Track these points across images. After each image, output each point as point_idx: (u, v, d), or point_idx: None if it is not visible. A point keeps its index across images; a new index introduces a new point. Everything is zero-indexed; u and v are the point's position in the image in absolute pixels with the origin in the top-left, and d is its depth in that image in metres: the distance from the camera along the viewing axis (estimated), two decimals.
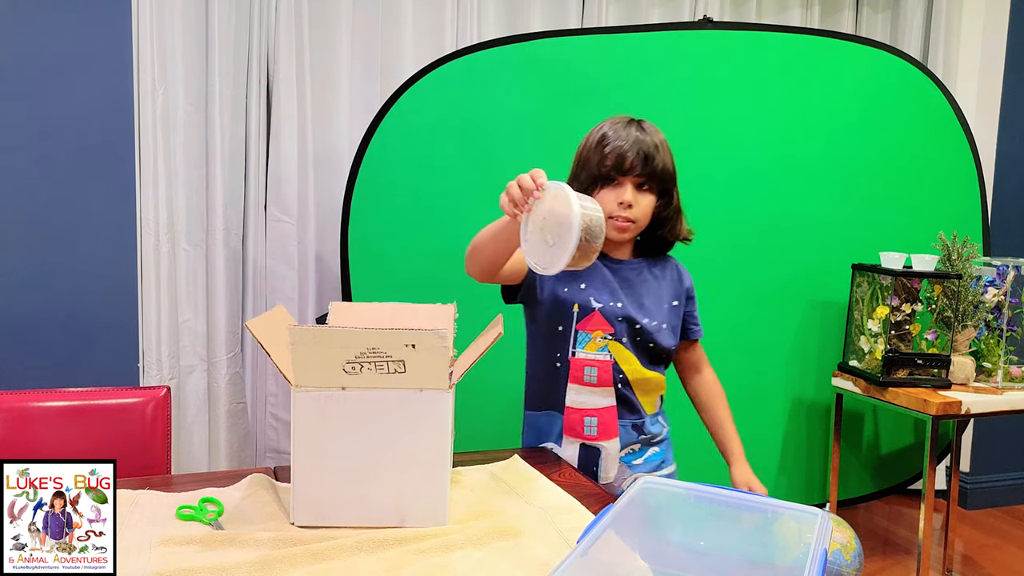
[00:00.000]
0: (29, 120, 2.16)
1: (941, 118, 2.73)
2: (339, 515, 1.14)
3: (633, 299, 1.42)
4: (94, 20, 2.20)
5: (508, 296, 1.46)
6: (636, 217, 1.37)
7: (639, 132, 1.36)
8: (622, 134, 1.35)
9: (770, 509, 1.00)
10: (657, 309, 1.44)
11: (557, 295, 1.41)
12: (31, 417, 1.57)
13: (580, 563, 0.81)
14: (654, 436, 1.48)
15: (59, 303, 2.21)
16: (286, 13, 2.58)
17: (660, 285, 1.47)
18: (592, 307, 1.40)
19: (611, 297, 1.41)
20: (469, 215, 2.44)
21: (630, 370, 1.42)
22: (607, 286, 1.41)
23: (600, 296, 1.40)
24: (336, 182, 2.68)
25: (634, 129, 1.36)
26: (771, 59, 2.57)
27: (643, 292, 1.44)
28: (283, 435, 2.69)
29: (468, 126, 2.43)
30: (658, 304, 1.45)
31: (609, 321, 1.40)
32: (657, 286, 1.46)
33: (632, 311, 1.41)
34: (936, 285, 2.32)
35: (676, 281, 1.50)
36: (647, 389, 1.45)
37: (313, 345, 1.09)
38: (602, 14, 3.00)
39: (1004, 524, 3.13)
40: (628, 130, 1.36)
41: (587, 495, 1.33)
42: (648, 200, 1.38)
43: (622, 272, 1.44)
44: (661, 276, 1.48)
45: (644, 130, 1.37)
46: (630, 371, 1.42)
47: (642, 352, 1.43)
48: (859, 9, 3.40)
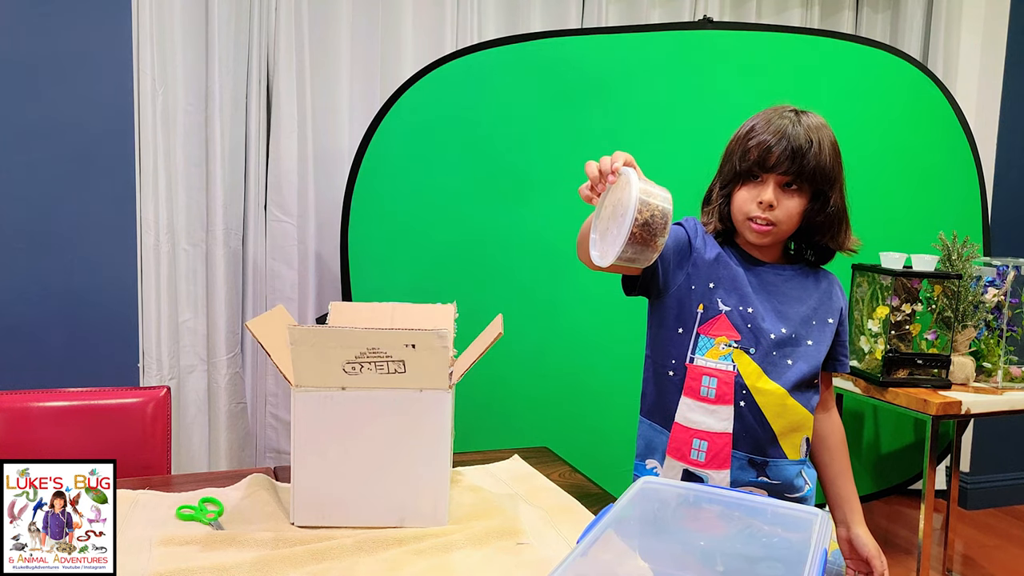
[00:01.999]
0: (29, 120, 2.16)
1: (941, 118, 2.73)
2: (339, 515, 1.14)
3: (771, 307, 1.24)
4: (94, 20, 2.20)
5: (628, 287, 1.27)
6: (778, 220, 1.20)
7: (793, 125, 1.19)
8: (773, 126, 1.20)
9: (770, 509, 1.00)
10: (801, 323, 1.25)
11: (681, 292, 1.25)
12: (31, 417, 1.57)
13: (580, 563, 0.81)
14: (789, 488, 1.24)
15: (59, 303, 2.21)
16: (286, 13, 2.58)
17: (810, 297, 1.27)
18: (719, 309, 1.23)
19: (741, 301, 1.23)
20: (469, 215, 2.44)
21: (757, 389, 1.21)
22: (739, 289, 1.24)
23: (729, 298, 1.23)
24: (336, 182, 2.68)
25: (788, 121, 1.20)
26: (771, 59, 2.57)
27: (786, 301, 1.26)
28: (283, 435, 2.69)
29: (468, 126, 2.43)
30: (803, 317, 1.25)
31: (736, 327, 1.22)
32: (806, 297, 1.27)
33: (766, 319, 1.23)
34: (936, 285, 2.32)
35: (829, 297, 1.29)
36: (784, 421, 1.22)
37: (313, 345, 1.09)
38: (602, 14, 3.00)
39: (1004, 524, 3.13)
40: (781, 122, 1.20)
41: (587, 495, 1.33)
42: (795, 202, 1.21)
43: (764, 276, 1.26)
44: (814, 288, 1.28)
45: (801, 123, 1.20)
46: (757, 390, 1.21)
47: (775, 369, 1.22)
48: (859, 9, 3.40)
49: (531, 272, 2.44)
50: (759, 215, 1.21)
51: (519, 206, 2.44)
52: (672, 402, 1.25)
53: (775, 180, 1.20)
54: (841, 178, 1.23)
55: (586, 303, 2.44)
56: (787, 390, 1.22)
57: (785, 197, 1.20)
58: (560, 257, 2.44)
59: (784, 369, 1.22)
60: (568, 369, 2.46)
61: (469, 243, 2.43)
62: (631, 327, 1.65)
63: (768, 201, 1.19)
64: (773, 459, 1.22)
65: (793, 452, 1.23)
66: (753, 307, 1.23)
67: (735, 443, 1.21)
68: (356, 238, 2.40)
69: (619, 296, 1.31)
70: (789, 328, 1.23)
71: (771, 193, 1.19)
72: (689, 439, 1.23)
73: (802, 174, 1.19)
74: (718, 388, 1.21)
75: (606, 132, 2.46)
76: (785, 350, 1.22)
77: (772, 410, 1.21)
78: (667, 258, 1.24)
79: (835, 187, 1.22)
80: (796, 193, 1.20)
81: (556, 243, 2.44)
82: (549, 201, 2.44)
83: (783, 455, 1.22)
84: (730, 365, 1.21)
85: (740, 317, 1.22)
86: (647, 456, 1.30)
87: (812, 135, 1.19)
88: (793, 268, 1.28)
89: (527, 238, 2.44)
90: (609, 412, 2.37)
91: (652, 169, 1.07)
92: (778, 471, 1.22)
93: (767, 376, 1.21)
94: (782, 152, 1.18)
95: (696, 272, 1.25)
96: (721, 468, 1.21)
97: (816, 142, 1.19)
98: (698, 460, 1.22)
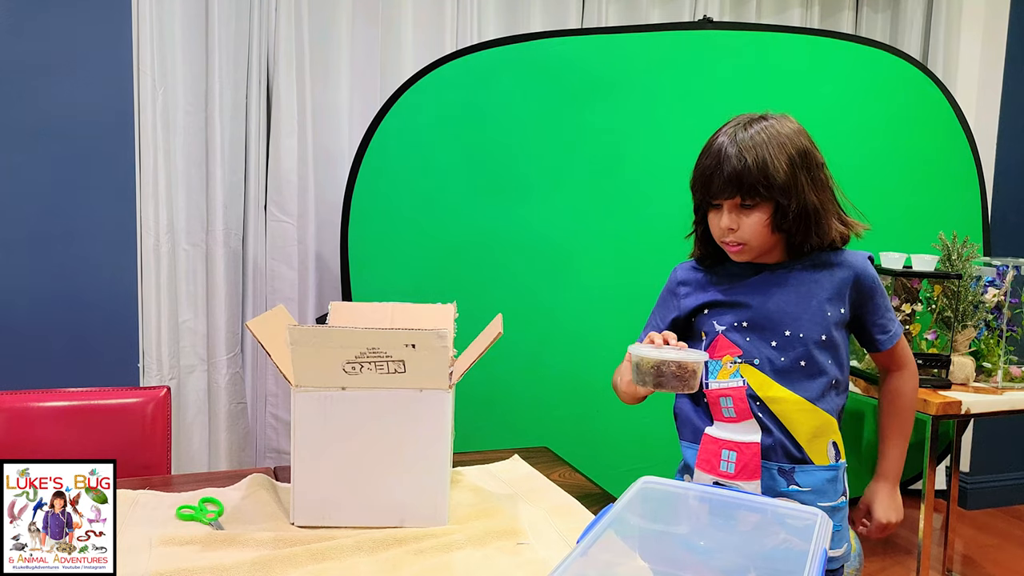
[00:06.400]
0: (29, 120, 2.16)
1: (941, 118, 2.73)
2: (339, 515, 1.14)
3: (768, 309, 1.23)
4: (94, 20, 2.20)
5: None
6: (745, 239, 1.21)
7: (731, 144, 1.18)
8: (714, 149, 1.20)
9: (770, 509, 1.00)
10: (804, 314, 1.21)
11: (689, 327, 1.29)
12: (31, 417, 1.57)
13: (580, 563, 0.81)
14: (823, 496, 1.21)
15: (59, 303, 2.21)
16: (286, 13, 2.58)
17: (811, 289, 1.23)
18: (716, 331, 1.24)
19: (736, 316, 1.23)
20: (469, 215, 2.44)
21: (769, 398, 1.20)
22: (736, 302, 1.24)
23: (723, 317, 1.24)
24: (336, 182, 2.68)
25: (728, 139, 1.19)
26: (771, 59, 2.57)
27: (786, 298, 1.23)
28: (283, 435, 2.69)
29: (468, 126, 2.43)
30: (805, 308, 1.22)
31: (736, 343, 1.22)
32: (806, 289, 1.23)
33: (762, 323, 1.22)
34: (936, 285, 2.32)
35: (838, 278, 1.24)
36: (804, 427, 1.20)
37: (313, 345, 1.09)
38: (602, 14, 3.00)
39: (1004, 524, 3.13)
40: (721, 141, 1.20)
41: (587, 495, 1.33)
42: (756, 217, 1.19)
43: (772, 279, 1.24)
44: (815, 278, 1.24)
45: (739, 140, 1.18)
46: (769, 399, 1.20)
47: (784, 375, 1.20)
48: (859, 9, 3.40)
49: (531, 272, 2.44)
50: (726, 240, 1.22)
51: (519, 206, 2.44)
52: (703, 424, 1.26)
53: (728, 204, 1.20)
54: (801, 179, 1.19)
55: (586, 303, 2.44)
56: (801, 395, 1.20)
57: (744, 216, 1.20)
58: (560, 257, 2.44)
59: (799, 373, 1.20)
60: (568, 369, 2.46)
61: (469, 243, 2.43)
62: (631, 327, 1.65)
63: (726, 227, 1.20)
64: (801, 466, 1.20)
65: (820, 458, 1.21)
66: (748, 319, 1.23)
67: (766, 454, 1.20)
68: (356, 238, 2.40)
69: (619, 296, 1.31)
70: (798, 328, 1.21)
71: (727, 219, 1.20)
72: (718, 450, 1.22)
73: (750, 193, 1.17)
74: (735, 406, 1.21)
75: (606, 132, 2.47)
76: (797, 352, 1.20)
77: (789, 417, 1.20)
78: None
79: (792, 192, 1.18)
80: (755, 209, 1.19)
81: (556, 243, 2.44)
82: (549, 201, 2.44)
83: (810, 461, 1.20)
84: (740, 380, 1.21)
85: (737, 332, 1.23)
86: (684, 472, 1.30)
87: (748, 154, 1.17)
88: (803, 262, 1.25)
89: (527, 238, 2.44)
90: (609, 412, 2.37)
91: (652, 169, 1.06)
92: (808, 478, 1.20)
93: (778, 384, 1.20)
94: (721, 179, 1.18)
95: (698, 303, 1.27)
96: (751, 479, 1.20)
97: (754, 159, 1.16)
98: (727, 472, 1.21)
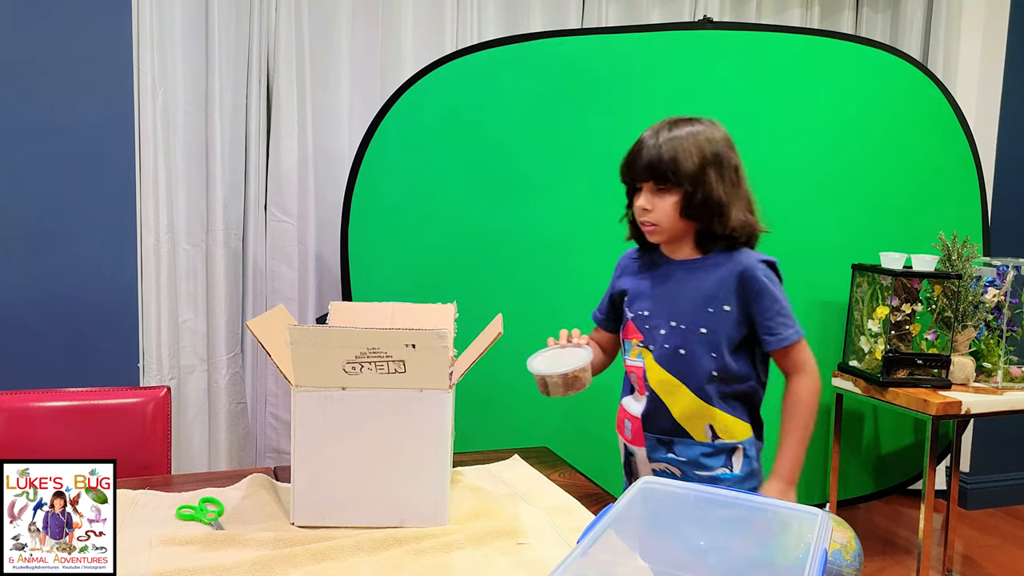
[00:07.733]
0: (29, 120, 2.16)
1: (941, 118, 2.73)
2: (339, 515, 1.14)
3: (665, 302, 1.40)
4: (94, 20, 2.19)
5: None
6: (658, 220, 1.36)
7: (653, 137, 1.36)
8: (638, 141, 1.38)
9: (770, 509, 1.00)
10: (690, 312, 1.37)
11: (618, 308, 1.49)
12: (31, 417, 1.57)
13: (580, 563, 0.81)
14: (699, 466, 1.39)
15: (59, 303, 2.21)
16: (286, 13, 2.58)
17: (699, 286, 1.37)
18: (627, 317, 1.44)
19: (641, 306, 1.42)
20: (469, 215, 2.44)
21: (656, 381, 1.39)
22: (643, 292, 1.43)
23: (632, 304, 1.44)
24: (336, 182, 2.68)
25: (651, 134, 1.37)
26: (771, 59, 2.57)
27: (679, 294, 1.39)
28: (283, 435, 2.69)
29: (468, 126, 2.43)
30: (693, 306, 1.37)
31: (639, 329, 1.42)
32: (704, 287, 1.37)
33: (658, 316, 1.40)
34: (936, 285, 2.32)
35: (723, 280, 1.37)
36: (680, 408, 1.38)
37: (313, 345, 1.09)
38: (602, 14, 3.00)
39: (1004, 524, 3.13)
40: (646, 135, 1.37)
41: (587, 495, 1.33)
42: (667, 201, 1.35)
43: (672, 273, 1.41)
44: (716, 276, 1.37)
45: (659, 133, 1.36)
46: (656, 382, 1.39)
47: (671, 362, 1.38)
48: (859, 9, 3.40)
49: (531, 272, 2.44)
50: (642, 220, 1.38)
51: (519, 206, 2.44)
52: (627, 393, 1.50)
53: (647, 187, 1.36)
54: (711, 173, 1.34)
55: (586, 303, 2.43)
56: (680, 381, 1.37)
57: (658, 199, 1.35)
58: (560, 257, 2.44)
59: (679, 361, 1.37)
60: None
61: (469, 243, 2.43)
62: None
63: (642, 206, 1.36)
64: (679, 439, 1.39)
65: (699, 435, 1.39)
66: (649, 309, 1.41)
67: (645, 425, 1.41)
68: (356, 238, 2.40)
69: None
70: (681, 320, 1.37)
71: (643, 200, 1.36)
72: (623, 418, 1.47)
73: (664, 177, 1.33)
74: (637, 381, 1.43)
75: (606, 132, 2.46)
76: (678, 341, 1.37)
77: (669, 398, 1.39)
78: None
79: (700, 182, 1.33)
80: (667, 193, 1.35)
81: (556, 243, 2.44)
82: (549, 201, 2.44)
83: (688, 436, 1.39)
84: (640, 362, 1.41)
85: (640, 320, 1.42)
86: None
87: (664, 145, 1.34)
88: (705, 259, 1.39)
89: (527, 238, 2.44)
90: (609, 412, 2.36)
91: None
92: (685, 450, 1.39)
93: (664, 369, 1.38)
94: (639, 165, 1.35)
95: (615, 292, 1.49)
96: (639, 445, 1.43)
97: (668, 149, 1.33)
98: (627, 436, 1.46)
